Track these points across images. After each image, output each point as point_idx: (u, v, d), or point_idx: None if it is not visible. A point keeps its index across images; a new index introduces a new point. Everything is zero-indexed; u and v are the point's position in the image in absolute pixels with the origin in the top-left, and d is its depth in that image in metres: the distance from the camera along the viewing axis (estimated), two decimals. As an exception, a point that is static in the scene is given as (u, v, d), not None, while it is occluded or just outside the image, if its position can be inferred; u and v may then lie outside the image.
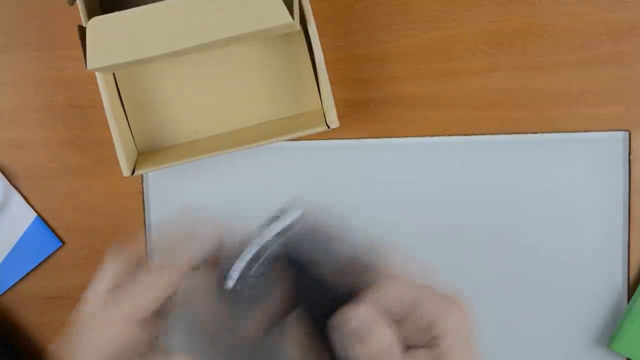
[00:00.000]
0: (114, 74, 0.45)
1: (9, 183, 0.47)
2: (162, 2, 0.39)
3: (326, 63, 0.42)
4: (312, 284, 0.29)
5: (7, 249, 0.47)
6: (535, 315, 0.47)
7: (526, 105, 0.46)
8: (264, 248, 0.29)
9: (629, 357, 0.46)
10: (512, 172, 0.47)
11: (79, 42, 0.39)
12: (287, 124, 0.45)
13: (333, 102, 0.42)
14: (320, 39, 0.42)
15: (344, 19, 0.46)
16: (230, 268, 0.29)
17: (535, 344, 0.47)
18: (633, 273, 0.47)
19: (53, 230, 0.48)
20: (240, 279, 0.29)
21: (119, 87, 0.45)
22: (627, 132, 0.46)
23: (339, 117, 0.44)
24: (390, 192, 0.47)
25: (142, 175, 0.47)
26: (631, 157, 0.46)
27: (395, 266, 0.32)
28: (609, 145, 0.46)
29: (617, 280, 0.47)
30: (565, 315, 0.47)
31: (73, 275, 0.48)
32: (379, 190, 0.47)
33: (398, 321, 0.30)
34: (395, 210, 0.47)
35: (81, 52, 0.39)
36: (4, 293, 0.48)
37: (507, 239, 0.47)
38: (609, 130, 0.46)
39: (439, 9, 0.46)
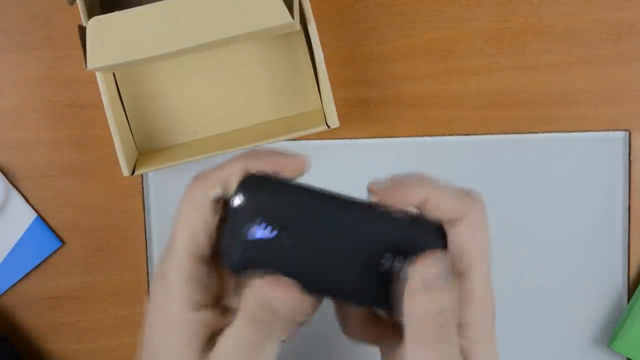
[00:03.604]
0: (114, 74, 0.45)
1: (9, 183, 0.47)
2: (162, 2, 0.39)
3: (326, 63, 0.42)
4: None
5: (7, 249, 0.47)
6: (535, 315, 0.47)
7: (526, 105, 0.46)
8: None
9: (629, 357, 0.46)
10: (512, 172, 0.47)
11: (79, 42, 0.39)
12: (287, 124, 0.45)
13: (333, 102, 0.42)
14: (320, 39, 0.42)
15: (344, 19, 0.46)
16: None
17: (536, 344, 0.47)
18: (633, 273, 0.47)
19: (53, 230, 0.48)
20: None
21: (119, 87, 0.45)
22: (627, 132, 0.46)
23: (339, 117, 0.44)
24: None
25: (142, 175, 0.47)
26: (631, 157, 0.46)
27: None
28: (609, 145, 0.46)
29: (617, 280, 0.47)
30: (565, 315, 0.47)
31: (73, 275, 0.48)
32: (379, 190, 0.47)
33: None
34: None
35: (81, 52, 0.39)
36: (4, 293, 0.48)
37: (506, 239, 0.47)
38: (608, 130, 0.46)
39: (438, 9, 0.46)
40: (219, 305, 0.30)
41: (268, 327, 0.28)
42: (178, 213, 0.30)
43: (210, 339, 0.29)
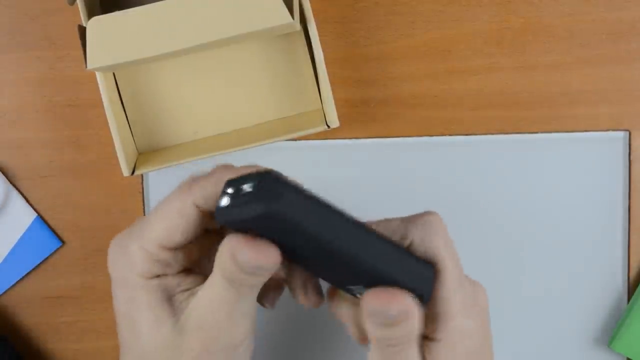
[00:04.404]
0: (114, 74, 0.45)
1: (9, 183, 0.47)
2: (162, 2, 0.39)
3: (326, 63, 0.42)
4: None
5: (7, 249, 0.47)
6: (535, 315, 0.47)
7: (526, 105, 0.46)
8: None
9: (629, 357, 0.46)
10: (512, 172, 0.47)
11: (79, 42, 0.39)
12: (287, 124, 0.45)
13: (333, 102, 0.42)
14: (320, 39, 0.42)
15: (344, 19, 0.46)
16: None
17: (535, 344, 0.47)
18: (633, 273, 0.47)
19: (53, 230, 0.48)
20: None
21: (119, 87, 0.45)
22: (627, 132, 0.46)
23: (339, 117, 0.44)
24: (389, 192, 0.47)
25: (142, 175, 0.47)
26: (631, 157, 0.46)
27: None
28: (609, 145, 0.46)
29: (617, 280, 0.47)
30: (565, 315, 0.47)
31: (73, 275, 0.48)
32: (379, 190, 0.47)
33: None
34: (395, 210, 0.47)
35: (81, 52, 0.39)
36: (4, 293, 0.48)
37: (506, 239, 0.47)
38: (609, 130, 0.46)
39: (438, 9, 0.46)
40: (180, 271, 0.32)
41: (238, 281, 0.29)
42: (164, 206, 0.31)
43: (176, 299, 0.31)
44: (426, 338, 0.31)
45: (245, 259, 0.27)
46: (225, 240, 0.28)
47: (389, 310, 0.28)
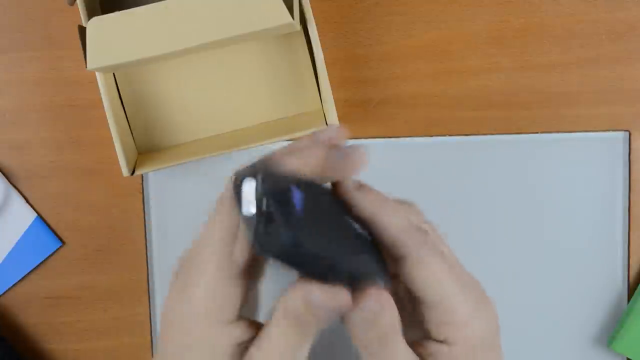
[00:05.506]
0: (114, 74, 0.45)
1: (9, 183, 0.47)
2: (162, 2, 0.39)
3: (326, 63, 0.42)
4: None
5: (7, 249, 0.47)
6: (535, 315, 0.47)
7: (526, 105, 0.46)
8: None
9: (629, 357, 0.46)
10: (512, 172, 0.47)
11: (79, 42, 0.39)
12: (287, 124, 0.45)
13: (333, 102, 0.42)
14: (320, 39, 0.42)
15: (344, 19, 0.46)
16: None
17: (535, 344, 0.47)
18: (633, 273, 0.47)
19: (53, 230, 0.48)
20: None
21: (119, 87, 0.45)
22: (627, 132, 0.46)
23: (339, 117, 0.44)
24: (389, 192, 0.47)
25: (142, 175, 0.47)
26: (631, 157, 0.46)
27: None
28: (609, 145, 0.46)
29: (617, 280, 0.47)
30: (565, 315, 0.47)
31: (73, 275, 0.48)
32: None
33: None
34: (395, 210, 0.47)
35: (81, 52, 0.39)
36: (4, 293, 0.48)
37: (506, 239, 0.47)
38: (609, 130, 0.46)
39: (439, 9, 0.46)
40: (241, 317, 0.30)
41: (309, 327, 0.28)
42: (210, 233, 0.29)
43: (239, 351, 0.29)
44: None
45: (319, 302, 0.27)
46: (295, 285, 0.28)
47: (367, 307, 0.28)
